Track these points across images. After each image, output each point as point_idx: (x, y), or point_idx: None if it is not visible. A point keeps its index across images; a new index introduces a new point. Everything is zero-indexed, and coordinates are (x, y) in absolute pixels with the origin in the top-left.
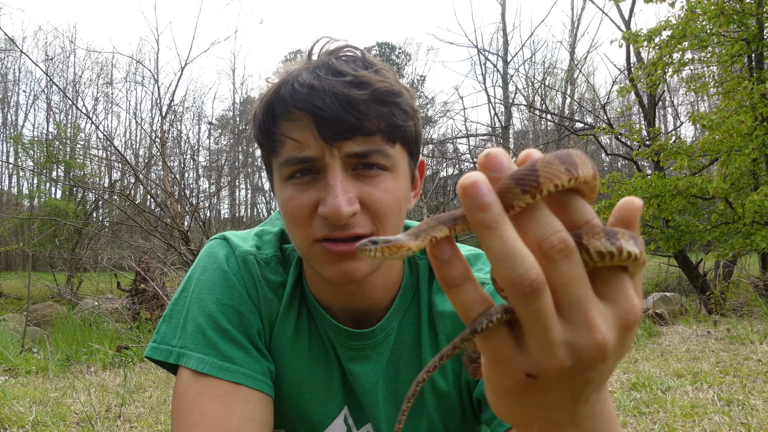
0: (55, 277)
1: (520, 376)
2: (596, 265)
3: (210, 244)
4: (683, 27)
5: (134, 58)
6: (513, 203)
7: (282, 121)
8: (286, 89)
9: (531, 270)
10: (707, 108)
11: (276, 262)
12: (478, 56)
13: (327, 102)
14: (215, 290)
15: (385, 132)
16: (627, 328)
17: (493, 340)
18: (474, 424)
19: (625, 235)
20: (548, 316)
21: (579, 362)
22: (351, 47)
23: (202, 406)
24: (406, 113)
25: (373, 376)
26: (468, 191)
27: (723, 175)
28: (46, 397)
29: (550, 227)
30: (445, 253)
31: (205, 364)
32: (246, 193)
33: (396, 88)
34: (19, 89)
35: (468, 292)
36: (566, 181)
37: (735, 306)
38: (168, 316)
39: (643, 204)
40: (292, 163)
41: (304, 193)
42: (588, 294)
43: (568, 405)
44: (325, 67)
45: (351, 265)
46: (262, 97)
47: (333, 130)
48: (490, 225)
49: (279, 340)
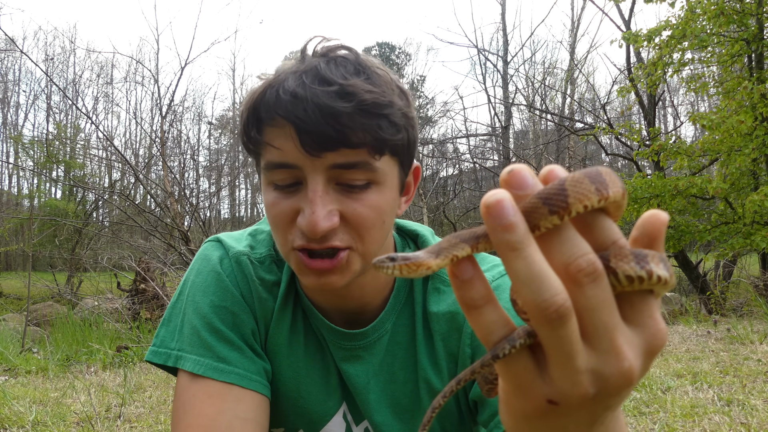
0: (55, 277)
1: (540, 402)
2: (624, 289)
3: (204, 247)
4: (683, 27)
5: (134, 58)
6: (539, 224)
7: (266, 127)
8: (270, 94)
9: (558, 295)
10: (707, 108)
11: (270, 261)
12: (478, 56)
13: (309, 113)
14: (209, 292)
15: (371, 145)
16: (653, 354)
17: (515, 365)
18: (471, 425)
19: (654, 258)
20: (574, 343)
21: (604, 390)
22: (345, 48)
23: (195, 407)
24: (396, 125)
25: (365, 377)
26: (492, 210)
27: (723, 175)
28: (46, 397)
29: (578, 249)
30: (466, 273)
31: (200, 366)
32: (246, 193)
33: (385, 98)
34: (19, 89)
35: (489, 314)
36: (596, 201)
37: (735, 306)
38: (166, 320)
39: (644, 204)
40: (272, 167)
41: (286, 200)
42: (615, 320)
43: (585, 428)
44: (312, 73)
45: (328, 278)
46: (250, 97)
47: (315, 141)
48: (515, 246)
49: (275, 338)
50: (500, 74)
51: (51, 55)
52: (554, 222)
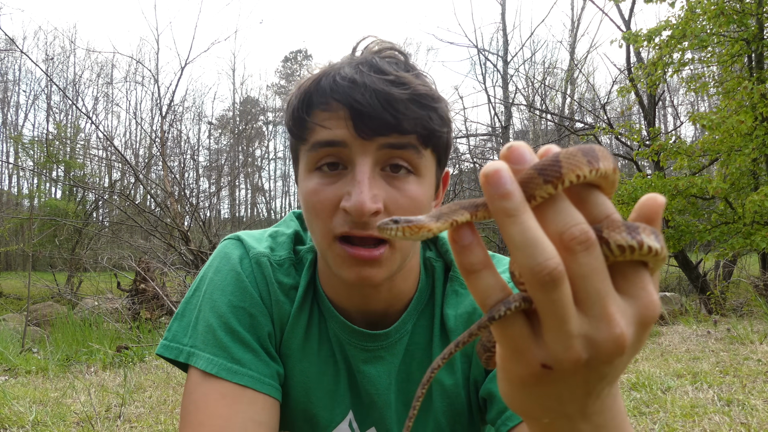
0: (55, 277)
1: (535, 366)
2: (616, 259)
3: (224, 244)
4: (683, 27)
5: (134, 58)
6: (535, 193)
7: (317, 111)
8: (326, 80)
9: (551, 259)
10: (707, 108)
11: (289, 264)
12: (478, 56)
13: (366, 97)
14: (227, 291)
15: (421, 134)
16: (645, 324)
17: (510, 329)
18: (480, 424)
19: (646, 230)
20: (566, 307)
21: (596, 356)
22: (396, 50)
23: (209, 406)
24: (443, 120)
25: (387, 378)
26: (490, 179)
27: (723, 175)
28: (46, 397)
29: (571, 219)
30: (465, 238)
31: (213, 365)
32: (246, 193)
33: (436, 94)
34: (19, 89)
35: (487, 278)
36: (588, 172)
37: (735, 306)
38: (180, 315)
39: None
40: (319, 146)
41: (329, 187)
42: (608, 288)
43: (580, 398)
44: (368, 64)
45: (369, 271)
46: (300, 85)
47: (369, 125)
48: (511, 213)
49: (289, 342)
50: (500, 74)
51: (51, 55)
52: (549, 191)
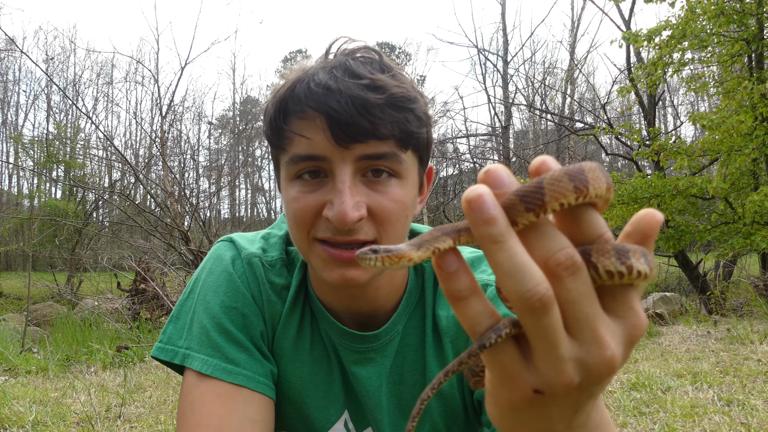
0: (55, 277)
1: (527, 391)
2: (604, 283)
3: (217, 246)
4: (683, 27)
5: (134, 58)
6: (517, 220)
7: (294, 119)
8: (301, 87)
9: (540, 285)
10: (707, 108)
11: (281, 264)
12: (478, 56)
13: (342, 104)
14: (220, 292)
15: (399, 138)
16: (633, 342)
17: (501, 356)
18: (476, 426)
19: (636, 253)
20: (557, 332)
21: (587, 378)
22: (369, 49)
23: (204, 406)
24: (420, 120)
25: (377, 379)
26: (473, 204)
27: (723, 175)
28: (46, 397)
29: (556, 244)
30: (451, 265)
31: (208, 366)
32: (246, 193)
33: (411, 93)
34: (19, 89)
35: (475, 305)
36: (573, 199)
37: (735, 306)
38: (175, 317)
39: (644, 204)
40: (299, 160)
41: (310, 195)
42: (596, 311)
43: (569, 417)
44: (342, 68)
45: (352, 272)
46: (276, 92)
47: (346, 132)
48: (497, 239)
49: (281, 342)
50: (500, 74)
51: (51, 55)
52: (530, 219)
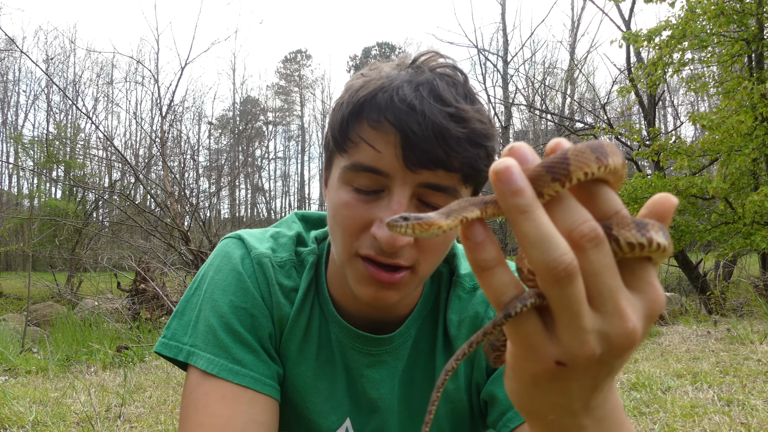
0: (55, 277)
1: (549, 363)
2: (625, 255)
3: (225, 243)
4: (683, 27)
5: (134, 58)
6: (543, 191)
7: (366, 127)
8: (383, 97)
9: (565, 254)
10: (707, 108)
11: (290, 266)
12: (478, 56)
13: (422, 128)
14: (229, 291)
15: (466, 174)
16: (652, 318)
17: (524, 326)
18: (481, 427)
19: (654, 226)
20: (580, 303)
21: (609, 350)
22: (456, 69)
23: (208, 406)
24: (490, 158)
25: (390, 382)
26: (501, 176)
27: (723, 175)
28: (46, 397)
29: (579, 216)
30: (478, 235)
31: (214, 365)
32: (246, 193)
33: (490, 131)
34: (19, 89)
35: (501, 275)
36: (596, 169)
37: (735, 306)
38: (180, 313)
39: (644, 204)
40: (359, 169)
41: (363, 206)
42: (618, 283)
43: (587, 393)
44: (428, 87)
45: (386, 293)
46: (353, 91)
47: (418, 156)
48: (524, 209)
49: (287, 345)
50: (500, 74)
51: (51, 55)
52: (556, 189)
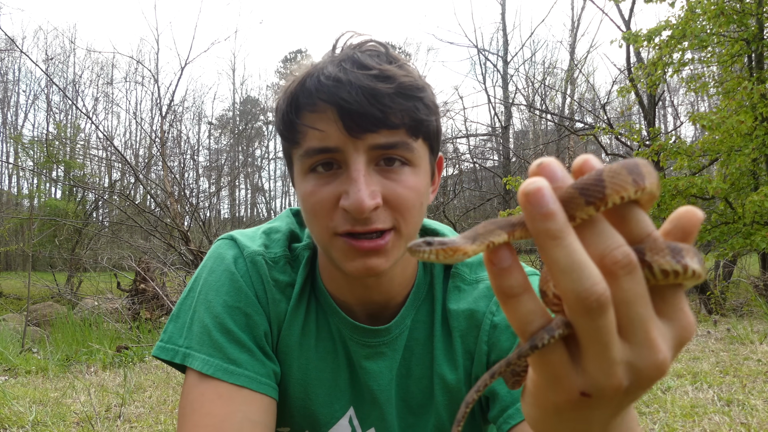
0: (55, 277)
1: (573, 394)
2: (658, 282)
3: (218, 244)
4: (683, 27)
5: (134, 58)
6: (575, 214)
7: (306, 113)
8: (311, 81)
9: (598, 284)
10: (707, 108)
11: (284, 261)
12: (478, 56)
13: (353, 95)
14: (222, 292)
15: (409, 126)
16: (681, 345)
17: (550, 357)
18: (482, 422)
19: (689, 252)
20: (610, 334)
21: (636, 382)
22: (375, 42)
23: (204, 406)
24: (429, 108)
25: (388, 373)
26: (531, 198)
27: (723, 175)
28: (46, 397)
29: (612, 242)
30: (504, 260)
31: (209, 366)
32: (246, 193)
33: (420, 83)
34: (19, 89)
35: (527, 303)
36: (633, 193)
37: (735, 306)
38: (175, 316)
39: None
40: (313, 153)
41: (326, 187)
42: (650, 312)
43: (608, 419)
44: (351, 60)
45: (375, 261)
46: (286, 88)
47: (358, 123)
48: (555, 235)
49: (287, 340)
50: (500, 74)
51: (51, 55)
52: (590, 213)
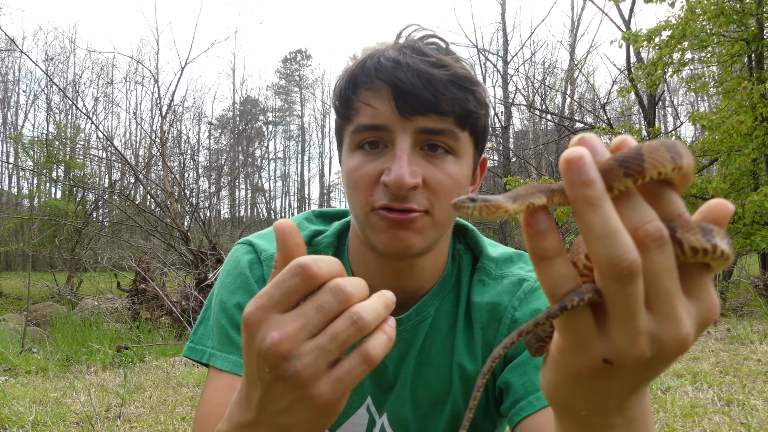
0: (55, 277)
1: (596, 360)
2: (687, 260)
3: (234, 249)
4: (683, 27)
5: (134, 58)
6: (613, 185)
7: (362, 90)
8: (371, 62)
9: (630, 252)
10: (707, 108)
11: None
12: (478, 56)
13: (408, 76)
14: (237, 293)
15: (458, 115)
16: (705, 326)
17: (576, 320)
18: (496, 415)
19: (720, 233)
20: (638, 303)
21: (658, 354)
22: (437, 37)
23: (216, 397)
24: (480, 103)
25: (407, 360)
26: (572, 165)
27: (723, 175)
28: (46, 397)
29: (646, 215)
30: (541, 223)
31: (226, 362)
32: (246, 193)
33: (474, 78)
34: (19, 89)
35: (560, 266)
36: (670, 169)
37: (735, 306)
38: (204, 319)
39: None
40: (362, 129)
41: (370, 164)
42: (677, 287)
43: (625, 394)
44: (411, 48)
45: (405, 234)
46: (347, 69)
47: (409, 104)
48: (593, 201)
49: None
50: (500, 74)
51: (51, 55)
52: (627, 184)
